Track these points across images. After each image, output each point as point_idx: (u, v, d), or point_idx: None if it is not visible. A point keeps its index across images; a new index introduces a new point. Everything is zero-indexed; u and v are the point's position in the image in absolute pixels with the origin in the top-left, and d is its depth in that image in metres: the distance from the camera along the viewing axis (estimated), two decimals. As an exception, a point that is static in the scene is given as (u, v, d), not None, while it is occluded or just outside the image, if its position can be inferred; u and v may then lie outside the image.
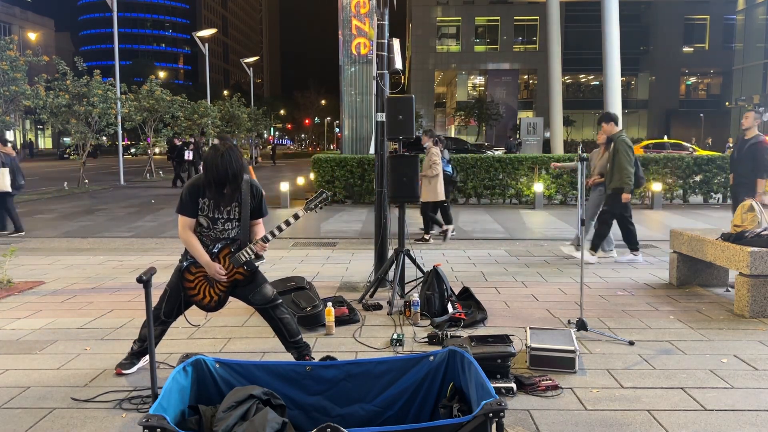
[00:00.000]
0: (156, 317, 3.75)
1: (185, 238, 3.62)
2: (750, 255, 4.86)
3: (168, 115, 24.22)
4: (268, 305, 3.77)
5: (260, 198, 3.75)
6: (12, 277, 6.35)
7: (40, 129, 59.36)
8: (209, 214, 3.62)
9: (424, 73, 49.73)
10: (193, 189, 3.59)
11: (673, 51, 50.68)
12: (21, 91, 16.18)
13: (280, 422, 2.32)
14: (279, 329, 3.80)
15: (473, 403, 2.46)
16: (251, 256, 3.66)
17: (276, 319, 3.78)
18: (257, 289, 3.75)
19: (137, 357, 3.89)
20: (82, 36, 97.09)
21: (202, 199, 3.60)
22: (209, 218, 3.63)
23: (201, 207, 3.61)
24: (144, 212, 12.98)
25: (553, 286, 6.17)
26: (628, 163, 6.92)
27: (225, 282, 3.69)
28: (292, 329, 3.81)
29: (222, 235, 3.67)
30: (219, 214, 3.63)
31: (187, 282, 3.71)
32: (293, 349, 3.84)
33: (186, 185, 3.65)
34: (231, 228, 3.67)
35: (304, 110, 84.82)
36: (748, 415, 3.22)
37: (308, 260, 7.59)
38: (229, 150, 3.43)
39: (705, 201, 14.12)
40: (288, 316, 3.83)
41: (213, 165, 3.41)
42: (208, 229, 3.66)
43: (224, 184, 3.48)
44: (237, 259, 3.65)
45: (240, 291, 3.77)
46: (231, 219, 3.65)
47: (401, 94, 5.96)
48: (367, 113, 17.12)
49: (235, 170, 3.43)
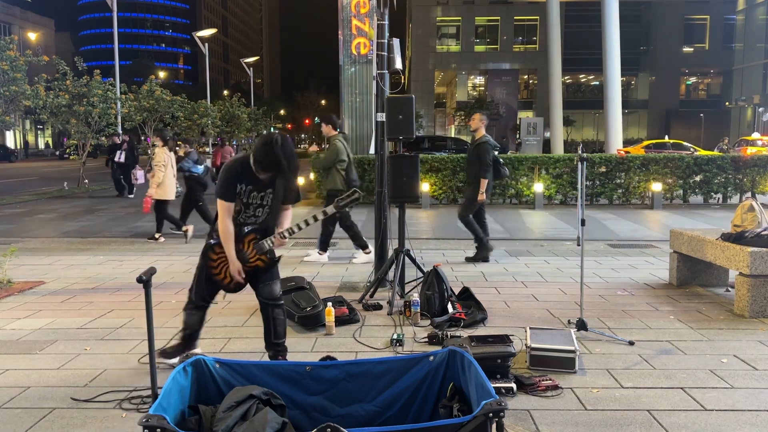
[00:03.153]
0: (190, 303, 3.85)
1: (224, 227, 3.64)
2: (750, 255, 4.86)
3: (168, 115, 24.22)
4: (271, 302, 3.83)
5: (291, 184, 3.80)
6: (12, 277, 6.35)
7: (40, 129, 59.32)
8: (244, 199, 3.66)
9: (424, 73, 49.70)
10: (232, 175, 3.60)
11: (673, 51, 50.67)
12: (21, 91, 16.17)
13: (280, 422, 2.32)
14: (269, 328, 3.86)
15: (473, 403, 2.46)
16: (274, 245, 3.72)
17: (271, 318, 3.84)
18: (269, 282, 3.82)
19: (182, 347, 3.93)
20: (82, 36, 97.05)
21: (240, 184, 3.62)
22: (243, 203, 3.67)
23: (238, 192, 3.64)
24: (144, 212, 12.96)
25: (553, 286, 6.17)
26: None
27: (247, 266, 3.73)
28: (280, 332, 3.88)
29: (250, 220, 3.72)
30: (253, 199, 3.68)
31: (211, 261, 3.76)
32: (272, 349, 3.91)
33: (224, 170, 3.66)
34: (261, 214, 3.74)
35: (304, 110, 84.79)
36: (748, 415, 3.22)
37: (308, 260, 7.58)
38: (284, 139, 3.52)
39: (705, 201, 14.12)
40: (282, 318, 3.88)
41: (271, 153, 3.43)
42: (238, 214, 3.70)
43: (279, 171, 3.51)
44: (260, 246, 3.72)
45: (256, 278, 3.82)
46: (263, 205, 3.71)
47: (401, 94, 5.96)
48: (367, 113, 17.11)
49: (289, 158, 3.49)
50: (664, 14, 50.18)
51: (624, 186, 13.81)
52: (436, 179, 13.93)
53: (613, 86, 21.38)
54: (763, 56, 41.13)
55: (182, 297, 5.67)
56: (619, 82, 21.53)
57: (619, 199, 13.94)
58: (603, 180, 13.85)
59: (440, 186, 13.97)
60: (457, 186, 14.00)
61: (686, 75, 52.74)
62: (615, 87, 21.38)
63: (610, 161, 13.84)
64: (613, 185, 13.85)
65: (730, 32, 48.57)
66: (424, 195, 13.50)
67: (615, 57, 21.24)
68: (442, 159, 14.06)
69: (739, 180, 13.80)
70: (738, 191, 13.95)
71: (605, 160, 13.86)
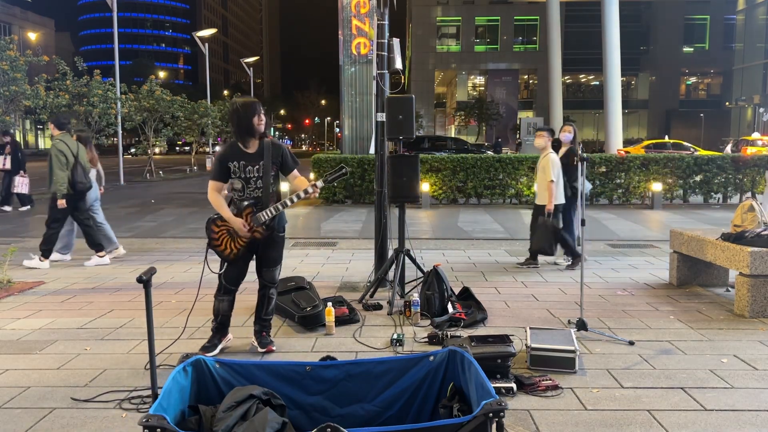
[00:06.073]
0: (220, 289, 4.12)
1: (212, 198, 3.98)
2: (750, 255, 4.86)
3: (168, 115, 24.22)
4: (270, 284, 4.22)
5: (285, 153, 4.10)
6: (12, 277, 6.34)
7: (40, 129, 59.33)
8: (242, 175, 3.96)
9: (424, 73, 49.71)
10: (222, 156, 3.98)
11: (673, 51, 50.68)
12: (21, 91, 16.17)
13: (280, 422, 2.32)
14: (262, 304, 4.24)
15: (473, 403, 2.46)
16: (270, 216, 3.98)
17: (266, 297, 4.24)
18: (273, 268, 4.17)
19: (217, 337, 4.19)
20: (82, 36, 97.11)
21: (232, 162, 3.95)
22: (243, 179, 3.97)
23: (233, 170, 3.96)
24: (144, 212, 12.98)
25: (553, 286, 6.17)
26: (60, 168, 6.88)
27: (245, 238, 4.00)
28: (270, 309, 4.26)
29: (255, 193, 3.99)
30: (250, 173, 3.97)
31: (213, 233, 4.04)
32: (259, 323, 4.26)
33: (216, 156, 4.02)
34: (262, 186, 4.01)
35: (304, 110, 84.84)
36: (748, 415, 3.22)
37: (308, 260, 7.59)
38: (244, 102, 3.93)
39: (705, 201, 14.12)
40: (274, 299, 4.29)
41: (236, 117, 3.91)
42: (242, 192, 4.00)
43: (250, 131, 3.91)
44: (257, 219, 3.97)
45: (259, 254, 4.13)
46: (261, 177, 3.99)
47: (401, 94, 5.95)
48: (367, 113, 17.12)
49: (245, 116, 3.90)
50: (664, 14, 50.19)
51: (624, 186, 13.81)
52: (436, 179, 13.93)
53: (613, 86, 21.38)
54: (763, 56, 41.12)
55: (182, 297, 5.67)
56: (619, 82, 21.52)
57: (619, 199, 13.94)
58: (603, 180, 13.85)
59: (440, 186, 13.97)
60: (457, 186, 14.01)
61: (686, 75, 52.75)
62: (615, 87, 21.38)
63: (610, 161, 13.84)
64: (613, 185, 13.85)
65: (730, 32, 48.57)
66: (424, 195, 13.50)
67: (615, 57, 21.23)
68: (442, 159, 14.05)
69: (739, 180, 13.81)
70: (738, 191, 13.95)
71: (605, 160, 13.86)
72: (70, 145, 6.98)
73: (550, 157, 6.75)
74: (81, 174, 7.01)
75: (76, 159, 6.98)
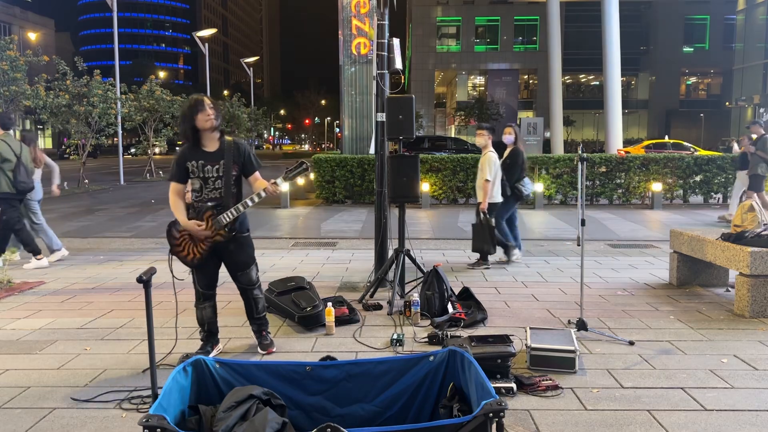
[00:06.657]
0: (198, 297, 4.09)
1: (171, 201, 3.93)
2: (750, 255, 4.86)
3: (168, 115, 24.22)
4: (249, 287, 4.15)
5: (246, 153, 4.00)
6: (12, 277, 6.35)
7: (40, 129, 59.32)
8: (200, 174, 3.88)
9: (424, 73, 49.70)
10: (179, 156, 3.90)
11: (673, 51, 50.68)
12: (21, 91, 16.17)
13: (280, 422, 2.32)
14: (250, 306, 4.21)
15: (473, 403, 2.46)
16: (232, 218, 3.88)
17: (251, 299, 4.18)
18: (247, 271, 4.09)
19: (209, 344, 4.15)
20: (82, 36, 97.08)
21: (190, 162, 3.88)
22: (201, 179, 3.89)
23: (192, 170, 3.89)
24: (144, 212, 12.98)
25: (553, 286, 6.17)
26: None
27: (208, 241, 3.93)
28: (260, 308, 4.23)
29: (213, 194, 3.90)
30: (209, 173, 3.88)
31: (174, 239, 3.98)
32: (255, 323, 4.25)
33: (174, 156, 3.95)
34: (221, 186, 3.90)
35: (304, 110, 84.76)
36: (748, 415, 3.22)
37: (308, 260, 7.59)
38: (196, 100, 3.84)
39: (705, 201, 14.12)
40: (261, 297, 4.23)
41: (181, 116, 3.90)
42: (200, 192, 3.91)
43: (195, 131, 3.83)
44: (219, 221, 3.88)
45: (226, 260, 4.06)
46: (220, 177, 3.90)
47: (401, 94, 5.95)
48: (367, 113, 17.10)
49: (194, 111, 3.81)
50: (664, 14, 50.20)
51: (624, 186, 13.81)
52: (436, 179, 13.93)
53: (613, 86, 21.38)
54: (763, 56, 41.10)
55: (182, 297, 5.67)
56: (619, 82, 21.52)
57: (619, 199, 13.94)
58: (603, 180, 13.85)
59: (440, 186, 13.97)
60: (457, 186, 14.00)
61: (686, 75, 52.74)
62: (615, 87, 21.38)
63: (610, 161, 13.84)
64: (613, 185, 13.85)
65: (730, 32, 48.55)
66: (424, 195, 13.50)
67: (615, 57, 21.24)
68: (442, 159, 14.05)
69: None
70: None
71: (605, 160, 13.86)
72: (12, 145, 6.95)
73: (488, 156, 6.82)
74: (23, 174, 6.98)
75: (19, 159, 6.94)
